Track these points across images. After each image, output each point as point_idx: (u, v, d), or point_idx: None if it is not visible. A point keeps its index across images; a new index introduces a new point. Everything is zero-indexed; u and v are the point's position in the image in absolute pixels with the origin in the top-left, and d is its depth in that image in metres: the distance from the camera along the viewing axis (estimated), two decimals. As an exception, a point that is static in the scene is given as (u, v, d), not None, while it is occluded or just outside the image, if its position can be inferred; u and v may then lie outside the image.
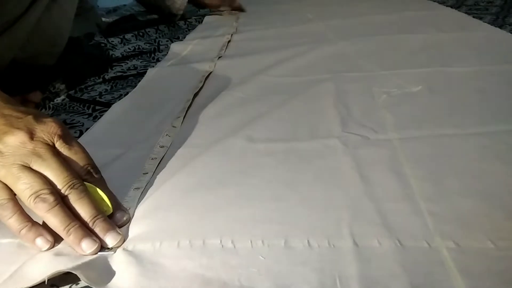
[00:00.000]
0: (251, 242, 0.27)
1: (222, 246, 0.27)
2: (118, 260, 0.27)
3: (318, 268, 0.25)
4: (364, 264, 0.25)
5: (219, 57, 0.66)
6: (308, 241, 0.27)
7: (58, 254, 0.27)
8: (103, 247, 0.28)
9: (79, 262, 0.26)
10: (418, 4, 0.92)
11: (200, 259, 0.26)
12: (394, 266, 0.24)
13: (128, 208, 0.31)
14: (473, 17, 0.75)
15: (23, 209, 0.28)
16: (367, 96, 0.47)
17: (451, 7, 0.86)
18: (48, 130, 0.29)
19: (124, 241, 0.29)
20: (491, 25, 0.69)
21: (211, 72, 0.59)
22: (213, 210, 0.31)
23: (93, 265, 0.26)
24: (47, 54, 0.60)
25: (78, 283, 0.26)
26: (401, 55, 0.58)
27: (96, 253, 0.27)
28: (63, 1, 0.58)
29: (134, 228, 0.30)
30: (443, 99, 0.45)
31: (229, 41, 0.75)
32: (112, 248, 0.28)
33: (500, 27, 0.69)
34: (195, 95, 0.52)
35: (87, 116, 0.51)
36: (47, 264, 0.27)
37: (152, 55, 0.73)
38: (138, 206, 0.32)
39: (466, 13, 0.79)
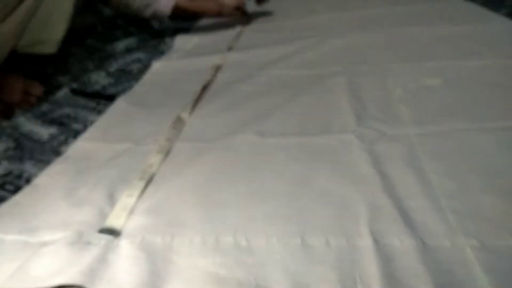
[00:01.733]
0: (266, 240, 0.26)
1: (236, 243, 0.26)
2: (127, 254, 0.26)
3: (338, 266, 0.24)
4: (385, 262, 0.24)
5: (229, 50, 0.65)
6: (326, 239, 0.26)
7: (61, 248, 0.27)
8: (107, 231, 0.28)
9: (86, 260, 0.25)
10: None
11: (213, 257, 0.26)
12: (417, 265, 0.24)
13: (131, 196, 0.32)
14: (489, 9, 0.74)
15: None
16: (381, 90, 0.45)
17: (466, -1, 0.84)
18: None
19: None
20: (507, 17, 0.68)
21: (220, 65, 0.58)
22: (224, 206, 0.30)
23: (101, 261, 0.25)
24: (47, 42, 0.58)
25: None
26: (414, 47, 0.57)
27: None
28: None
29: (143, 219, 0.29)
30: (459, 93, 0.43)
31: (238, 34, 0.73)
32: (117, 233, 0.28)
33: (516, 19, 0.67)
34: (204, 88, 0.51)
35: (91, 109, 0.50)
36: (51, 259, 0.26)
37: (157, 47, 0.72)
38: (147, 199, 0.32)
39: (481, 5, 0.77)
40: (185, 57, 0.64)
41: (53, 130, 0.45)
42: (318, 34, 0.66)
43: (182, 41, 0.71)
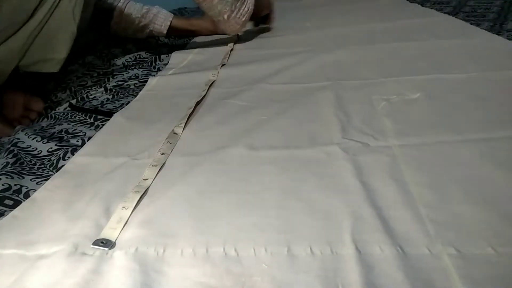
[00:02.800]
0: (254, 250, 0.28)
1: (226, 254, 0.28)
2: (121, 265, 0.27)
3: (321, 275, 0.25)
4: (366, 270, 0.25)
5: (222, 66, 0.67)
6: (310, 248, 0.27)
7: (57, 260, 0.28)
8: (102, 242, 0.29)
9: (80, 271, 0.27)
10: (415, 11, 0.93)
11: (204, 267, 0.27)
12: (397, 273, 0.25)
13: (126, 208, 0.33)
14: (471, 23, 0.76)
15: None
16: (366, 103, 0.47)
17: (449, 14, 0.87)
18: None
19: None
20: (489, 31, 0.70)
21: (214, 81, 0.60)
22: (215, 217, 0.31)
23: (96, 272, 0.27)
24: (49, 61, 0.60)
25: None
26: (399, 62, 0.59)
27: None
28: (66, 6, 0.58)
29: (137, 230, 0.31)
30: (442, 105, 0.45)
31: (231, 50, 0.75)
32: (111, 244, 0.29)
33: (498, 33, 0.69)
34: (197, 103, 0.53)
35: (89, 125, 0.51)
36: (47, 271, 0.27)
37: (153, 64, 0.74)
38: (141, 210, 0.33)
39: (463, 19, 0.80)
40: (180, 73, 0.66)
41: (52, 145, 0.46)
42: (308, 50, 0.68)
43: (177, 58, 0.73)
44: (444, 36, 0.69)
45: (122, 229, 0.31)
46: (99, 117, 0.53)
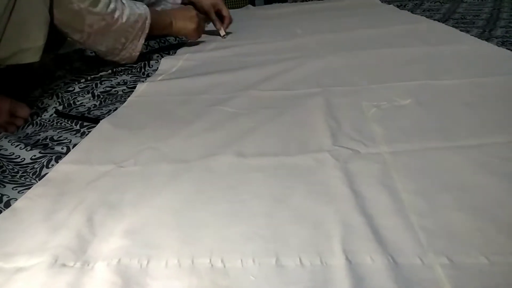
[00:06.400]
0: (241, 261, 0.27)
1: (212, 265, 0.27)
2: (102, 278, 0.26)
3: (311, 287, 0.24)
4: (357, 281, 0.24)
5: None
6: (300, 259, 0.26)
7: (36, 273, 0.27)
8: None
9: (60, 285, 0.26)
10: (405, 18, 0.94)
11: (189, 279, 0.26)
12: (388, 284, 0.24)
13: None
14: (460, 30, 0.77)
15: None
16: (356, 110, 0.47)
17: (438, 20, 0.87)
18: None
19: None
20: (478, 38, 0.71)
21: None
22: (201, 227, 0.30)
23: (76, 286, 0.26)
24: (28, 51, 0.57)
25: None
26: (389, 68, 0.59)
27: None
28: None
29: (120, 241, 0.29)
30: (432, 112, 0.45)
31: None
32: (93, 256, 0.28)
33: (487, 40, 0.70)
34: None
35: (74, 132, 0.50)
36: (25, 285, 0.26)
37: (142, 70, 0.73)
38: (126, 220, 0.32)
39: (453, 26, 0.81)
40: (169, 79, 0.65)
41: (35, 152, 0.45)
42: (297, 56, 0.68)
43: (166, 64, 0.73)
44: (434, 43, 0.70)
45: (104, 240, 0.30)
46: (85, 123, 0.52)
